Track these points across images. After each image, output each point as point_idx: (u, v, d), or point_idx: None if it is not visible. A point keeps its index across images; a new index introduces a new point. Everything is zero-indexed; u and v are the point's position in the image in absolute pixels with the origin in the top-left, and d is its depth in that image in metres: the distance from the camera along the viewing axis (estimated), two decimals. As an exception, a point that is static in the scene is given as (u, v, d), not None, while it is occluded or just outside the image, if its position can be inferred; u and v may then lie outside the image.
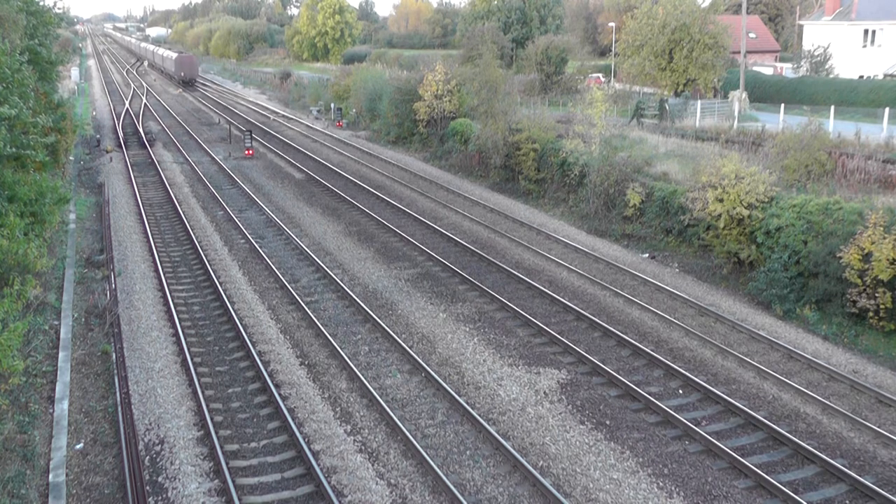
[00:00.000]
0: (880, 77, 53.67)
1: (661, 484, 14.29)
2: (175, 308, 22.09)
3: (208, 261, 26.35)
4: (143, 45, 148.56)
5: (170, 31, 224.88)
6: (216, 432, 15.58)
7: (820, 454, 14.89)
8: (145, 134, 53.87)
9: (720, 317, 21.64)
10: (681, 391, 17.81)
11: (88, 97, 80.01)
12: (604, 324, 21.06)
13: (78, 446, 15.36)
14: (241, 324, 21.08)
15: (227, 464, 14.52)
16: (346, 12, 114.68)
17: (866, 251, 20.12)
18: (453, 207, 33.90)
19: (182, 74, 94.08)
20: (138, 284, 24.27)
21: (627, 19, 52.83)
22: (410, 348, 19.72)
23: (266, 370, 18.41)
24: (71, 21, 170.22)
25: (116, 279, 24.33)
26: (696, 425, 16.11)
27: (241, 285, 24.52)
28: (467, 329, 21.13)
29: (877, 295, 19.94)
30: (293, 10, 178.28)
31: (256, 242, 28.67)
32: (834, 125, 33.97)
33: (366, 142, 52.69)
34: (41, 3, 36.83)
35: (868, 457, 15.23)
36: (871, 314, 20.25)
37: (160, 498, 13.77)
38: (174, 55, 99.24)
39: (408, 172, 41.93)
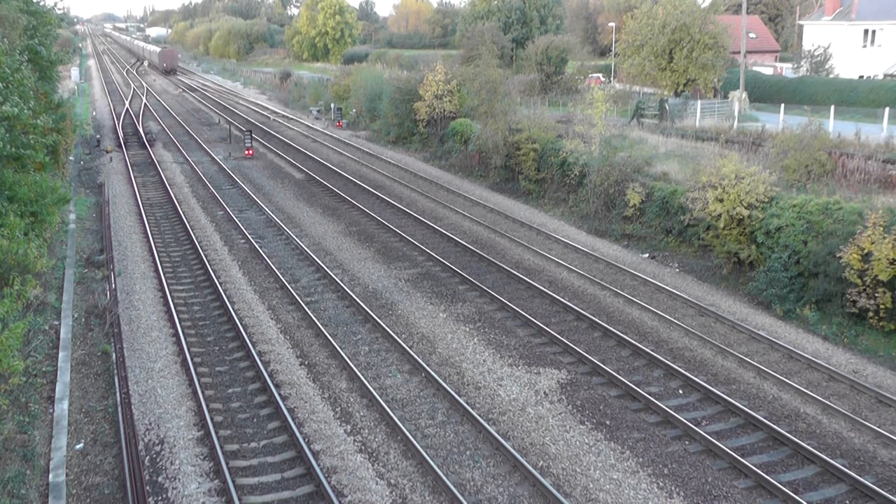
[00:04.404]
0: (880, 77, 53.67)
1: (661, 484, 14.29)
2: (175, 308, 22.08)
3: (208, 261, 26.35)
4: (137, 42, 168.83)
5: (170, 31, 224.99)
6: (216, 432, 15.58)
7: (820, 454, 14.89)
8: (145, 134, 53.88)
9: (720, 317, 21.64)
10: (681, 391, 17.81)
11: (88, 97, 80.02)
12: (604, 324, 21.06)
13: (78, 446, 15.36)
14: (241, 324, 21.08)
15: (227, 464, 14.51)
16: (346, 12, 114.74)
17: (866, 251, 20.12)
18: (453, 207, 33.90)
19: (164, 65, 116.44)
20: (138, 284, 24.27)
21: (627, 19, 52.83)
22: (410, 348, 19.72)
23: (266, 370, 18.41)
24: (71, 21, 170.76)
25: (116, 279, 24.33)
26: (696, 425, 16.11)
27: (241, 285, 24.52)
28: (467, 329, 21.13)
29: (877, 295, 19.94)
30: (293, 10, 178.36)
31: (256, 242, 28.67)
32: (834, 125, 33.98)
33: (366, 142, 52.70)
34: (41, 3, 36.87)
35: (868, 457, 15.23)
36: (871, 314, 20.25)
37: (160, 498, 13.77)
38: (158, 49, 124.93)
39: (408, 172, 41.94)
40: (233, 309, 22.03)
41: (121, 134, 54.24)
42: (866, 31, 58.51)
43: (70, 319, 21.24)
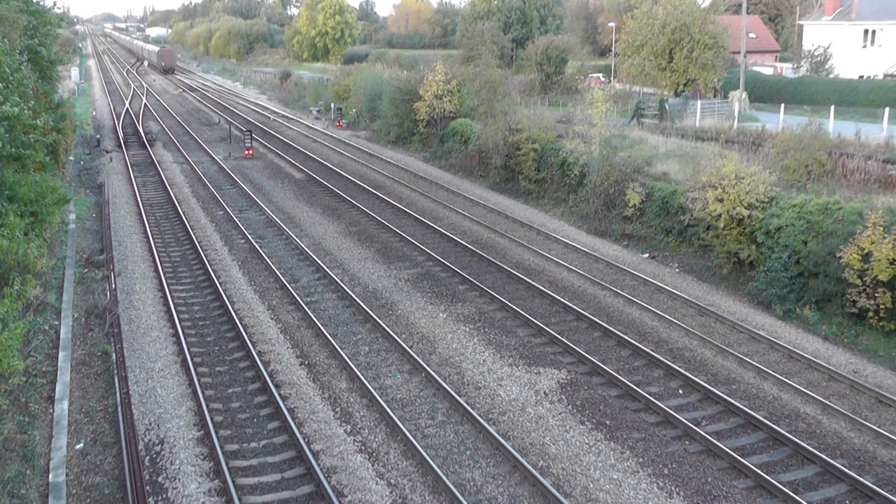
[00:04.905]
0: (880, 77, 53.67)
1: (661, 484, 14.29)
2: (175, 308, 22.08)
3: (208, 261, 26.35)
4: (137, 42, 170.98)
5: (170, 31, 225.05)
6: (216, 432, 15.58)
7: (820, 454, 14.90)
8: (145, 134, 53.88)
9: (720, 317, 21.64)
10: (681, 391, 17.81)
11: (88, 97, 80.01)
12: (604, 324, 21.06)
13: (78, 446, 15.36)
14: (241, 324, 21.08)
15: (227, 464, 14.51)
16: (346, 12, 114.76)
17: (866, 251, 20.12)
18: (453, 207, 33.90)
19: (163, 64, 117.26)
20: (138, 284, 24.27)
21: (627, 19, 52.83)
22: (410, 348, 19.72)
23: (266, 370, 18.41)
24: (71, 21, 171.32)
25: (116, 279, 24.33)
26: (696, 425, 16.11)
27: (241, 285, 24.52)
28: (467, 329, 21.13)
29: (877, 295, 19.94)
30: (293, 10, 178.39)
31: (256, 242, 28.67)
32: (834, 125, 33.96)
33: (366, 142, 52.70)
34: (41, 3, 36.86)
35: (868, 457, 15.23)
36: (871, 314, 20.25)
37: (160, 498, 13.77)
38: (157, 49, 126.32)
39: (408, 172, 41.94)
40: (233, 309, 22.03)
41: (121, 134, 54.23)
42: (866, 31, 58.50)
43: (70, 319, 21.24)
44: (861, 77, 55.53)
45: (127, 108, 69.34)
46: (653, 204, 28.78)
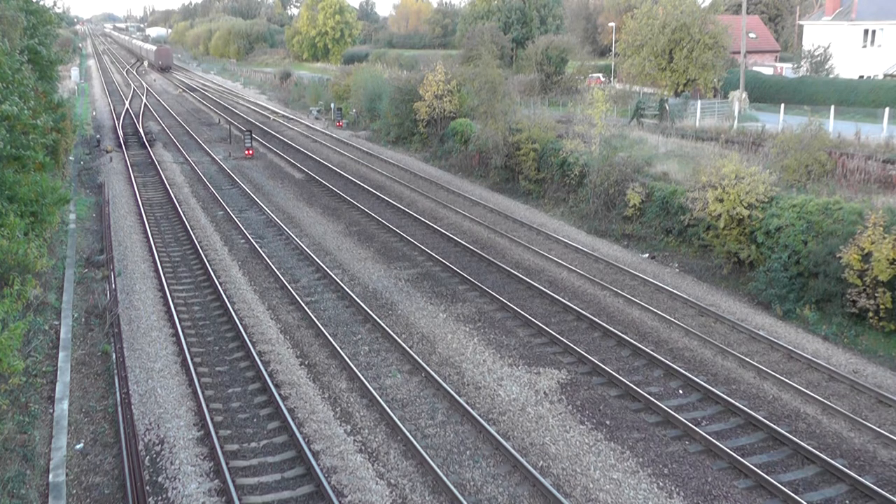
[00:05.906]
0: (880, 77, 53.65)
1: (661, 484, 14.29)
2: (175, 308, 22.08)
3: (208, 261, 26.35)
4: (136, 41, 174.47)
5: (170, 31, 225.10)
6: (216, 432, 15.58)
7: (820, 454, 14.90)
8: (145, 134, 53.88)
9: (720, 317, 21.63)
10: (681, 391, 17.81)
11: (88, 97, 80.00)
12: (604, 324, 21.06)
13: (78, 446, 15.36)
14: (241, 324, 21.07)
15: (227, 464, 14.51)
16: (346, 12, 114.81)
17: (866, 251, 20.13)
18: (453, 207, 33.90)
19: (160, 63, 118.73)
20: (138, 284, 24.27)
21: (627, 19, 52.82)
22: (410, 348, 19.72)
23: (266, 370, 18.41)
24: (71, 21, 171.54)
25: (116, 279, 24.33)
26: (696, 425, 16.11)
27: (241, 285, 24.52)
28: (467, 329, 21.13)
29: (876, 295, 19.94)
30: (293, 10, 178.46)
31: (256, 242, 28.67)
32: (834, 125, 33.93)
33: (366, 142, 52.70)
34: (41, 3, 36.83)
35: (868, 457, 15.23)
36: (870, 314, 20.25)
37: (160, 498, 13.77)
38: (154, 48, 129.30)
39: (408, 172, 41.94)
40: (233, 309, 22.03)
41: (121, 134, 54.24)
42: (866, 31, 58.48)
43: (70, 319, 21.24)
44: (861, 77, 55.51)
45: (127, 108, 69.34)
46: (653, 204, 28.78)
